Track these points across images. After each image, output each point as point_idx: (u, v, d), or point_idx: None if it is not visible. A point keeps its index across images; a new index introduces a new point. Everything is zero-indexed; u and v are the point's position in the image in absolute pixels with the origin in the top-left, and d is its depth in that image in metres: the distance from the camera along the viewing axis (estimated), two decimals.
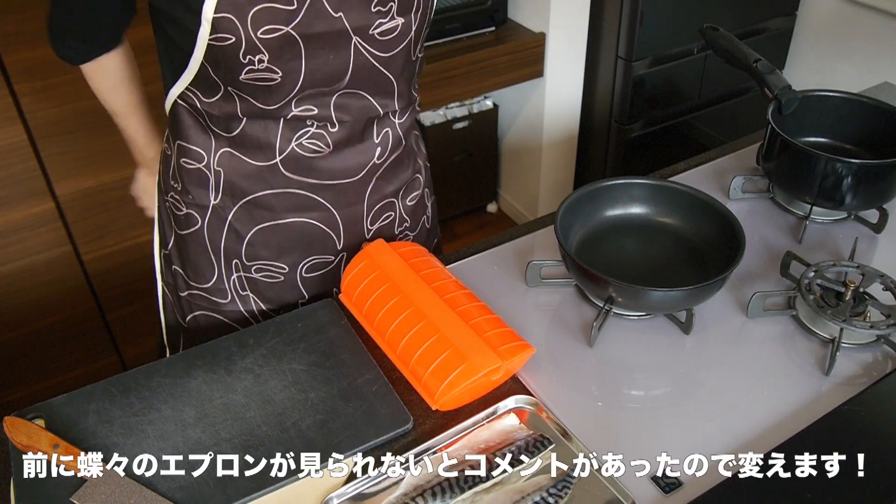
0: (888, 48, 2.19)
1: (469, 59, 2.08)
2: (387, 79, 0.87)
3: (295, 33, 0.77)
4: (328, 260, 0.98)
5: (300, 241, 0.95)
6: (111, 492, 0.74)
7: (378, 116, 0.90)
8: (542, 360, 0.91)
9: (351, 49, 0.81)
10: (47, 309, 1.81)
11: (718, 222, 1.00)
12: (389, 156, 0.94)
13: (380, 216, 0.97)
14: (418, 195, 1.02)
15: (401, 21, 0.82)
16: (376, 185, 0.94)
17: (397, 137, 0.94)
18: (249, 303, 1.01)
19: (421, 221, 1.05)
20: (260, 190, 0.90)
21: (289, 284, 1.00)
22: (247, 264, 0.96)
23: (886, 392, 0.85)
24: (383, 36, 0.82)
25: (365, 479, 0.76)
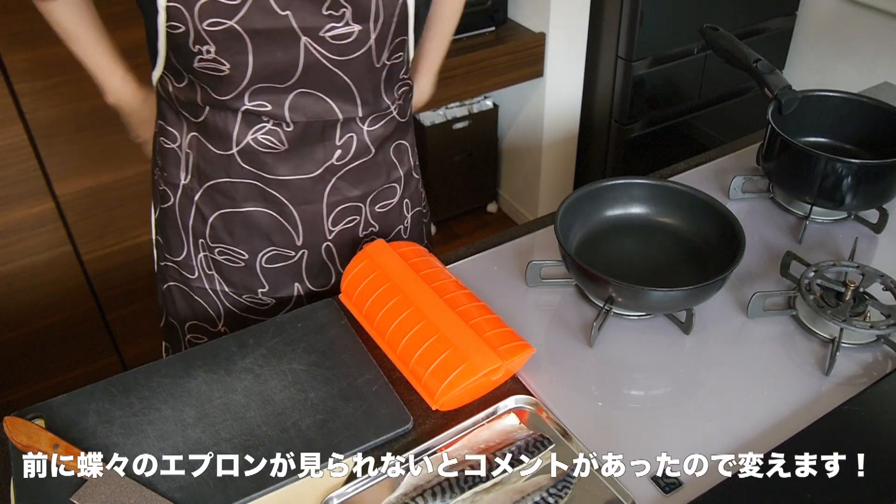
0: (888, 48, 2.19)
1: (469, 59, 2.08)
2: (344, 83, 0.87)
3: (239, 27, 0.79)
4: (288, 254, 0.99)
5: (258, 232, 0.97)
6: (111, 492, 0.74)
7: (339, 121, 0.90)
8: (542, 360, 0.91)
9: (300, 48, 0.82)
10: (47, 309, 1.81)
11: (718, 222, 1.00)
12: (353, 161, 0.94)
13: (342, 218, 0.97)
14: (392, 204, 1.02)
15: (357, 28, 0.82)
16: (336, 186, 0.95)
17: (363, 144, 0.94)
18: (215, 283, 1.02)
19: (395, 231, 1.04)
20: (221, 177, 0.93)
21: (249, 272, 1.00)
22: (211, 245, 0.99)
23: (886, 392, 0.85)
24: (336, 40, 0.82)
25: (365, 479, 0.76)
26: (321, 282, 1.03)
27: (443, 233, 2.63)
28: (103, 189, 1.72)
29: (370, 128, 0.93)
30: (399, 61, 0.91)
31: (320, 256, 1.01)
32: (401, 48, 0.89)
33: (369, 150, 0.95)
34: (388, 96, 0.93)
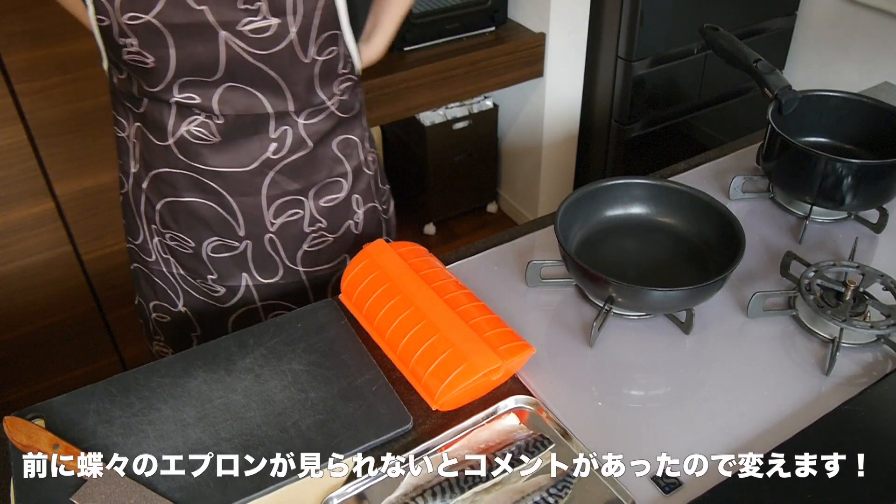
0: (888, 48, 2.19)
1: (469, 59, 2.08)
2: (270, 77, 0.88)
3: (157, 22, 0.81)
4: (233, 244, 1.00)
5: (200, 221, 0.98)
6: (111, 492, 0.74)
7: (270, 114, 0.91)
8: (542, 360, 0.91)
9: (220, 42, 0.83)
10: (47, 309, 1.81)
11: (718, 222, 1.00)
12: (290, 155, 0.95)
13: (284, 211, 0.98)
14: (339, 199, 1.02)
15: (275, 21, 0.83)
16: (275, 180, 0.95)
17: (299, 138, 0.94)
18: (171, 266, 1.04)
19: (345, 226, 1.04)
20: (161, 167, 0.95)
21: (197, 259, 1.02)
22: (162, 231, 1.01)
23: (886, 392, 0.85)
24: (255, 34, 0.83)
25: (365, 479, 0.76)
26: (268, 274, 1.03)
27: (443, 233, 2.63)
28: (103, 189, 1.72)
29: (306, 122, 0.94)
30: (332, 56, 0.91)
31: (264, 248, 1.01)
32: (333, 43, 0.89)
33: (306, 144, 0.95)
34: (323, 91, 0.93)
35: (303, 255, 1.03)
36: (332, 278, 1.07)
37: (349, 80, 0.97)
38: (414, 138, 2.43)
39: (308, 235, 1.02)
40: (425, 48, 2.10)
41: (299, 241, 1.02)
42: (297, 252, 1.02)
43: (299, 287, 1.05)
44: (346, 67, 0.94)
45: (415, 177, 2.54)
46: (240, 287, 1.03)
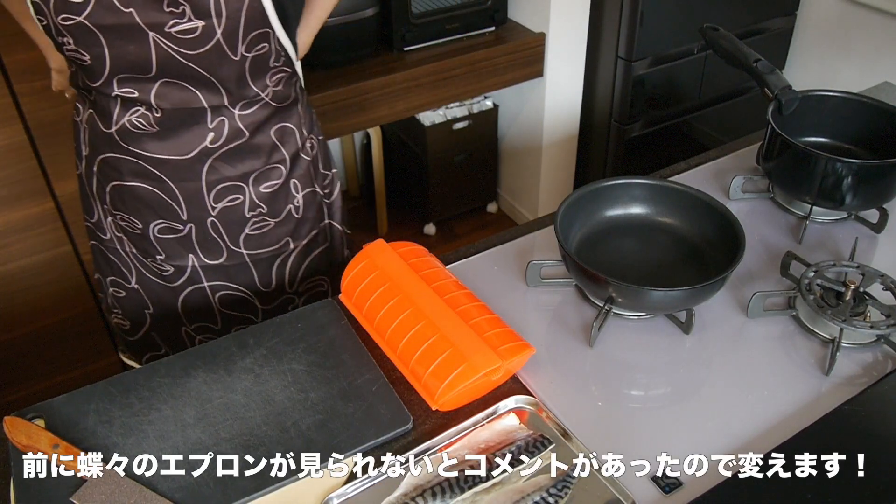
0: (888, 48, 2.19)
1: (469, 59, 2.08)
2: (202, 74, 0.91)
3: (89, 23, 0.84)
4: (177, 227, 1.04)
5: (145, 205, 1.02)
6: (111, 492, 0.74)
7: (206, 108, 0.95)
8: (542, 360, 0.91)
9: (150, 43, 0.86)
10: (47, 309, 1.81)
11: (718, 222, 1.00)
12: (227, 144, 0.98)
13: (224, 196, 1.02)
14: (278, 184, 1.05)
15: (200, 23, 0.86)
16: (213, 166, 0.99)
17: (236, 128, 0.98)
18: (124, 244, 1.09)
19: (285, 211, 1.08)
20: (107, 152, 0.99)
21: (146, 240, 1.06)
22: (113, 212, 1.05)
23: (886, 392, 0.85)
24: (183, 35, 0.86)
25: (365, 479, 0.76)
26: (214, 255, 1.06)
27: (443, 233, 2.63)
28: None
29: (242, 112, 0.97)
30: (263, 52, 0.93)
31: (208, 231, 1.04)
32: (263, 40, 0.92)
33: (243, 133, 0.99)
34: (257, 84, 0.96)
35: (245, 238, 1.06)
36: (276, 260, 1.10)
37: (282, 72, 1.00)
38: (414, 138, 2.43)
39: (249, 220, 1.05)
40: (425, 48, 2.10)
41: (241, 224, 1.05)
42: (239, 235, 1.05)
43: (244, 268, 1.08)
44: (277, 61, 0.97)
45: (415, 177, 2.54)
46: (187, 267, 1.07)
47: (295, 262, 1.12)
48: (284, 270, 1.12)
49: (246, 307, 1.13)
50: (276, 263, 1.10)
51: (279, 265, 1.10)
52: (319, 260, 1.15)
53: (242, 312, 1.13)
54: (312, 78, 1.92)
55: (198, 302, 1.11)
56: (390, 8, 2.01)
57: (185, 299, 1.10)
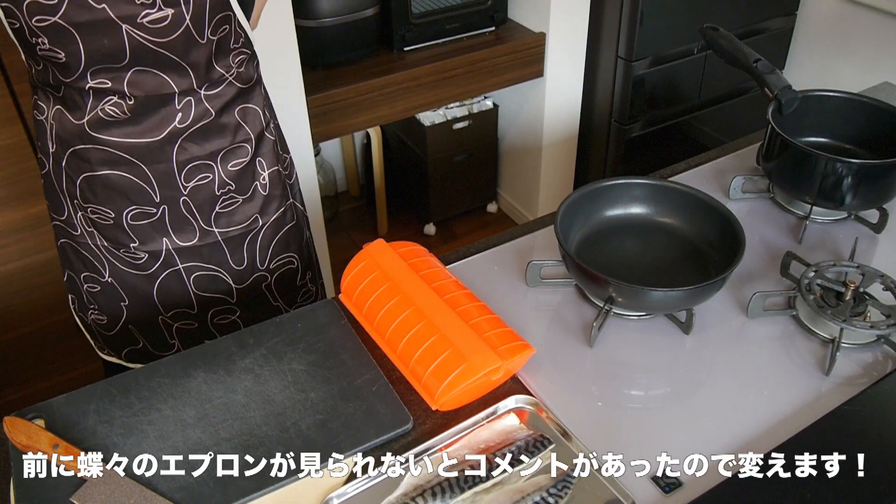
0: (888, 48, 2.19)
1: (469, 59, 2.08)
2: (173, 60, 0.95)
3: (63, 22, 0.87)
4: (150, 211, 1.06)
5: (118, 192, 1.05)
6: (111, 492, 0.74)
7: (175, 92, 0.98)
8: (542, 360, 0.91)
9: (123, 35, 0.90)
10: (47, 309, 1.81)
11: (718, 222, 1.00)
12: (195, 124, 1.02)
13: (194, 175, 1.05)
14: (244, 162, 1.09)
15: (170, 11, 0.90)
16: (183, 147, 1.02)
17: (203, 108, 1.01)
18: (95, 238, 1.11)
19: (252, 187, 1.11)
20: (77, 144, 1.02)
21: (119, 228, 1.08)
22: (83, 206, 1.08)
23: (886, 392, 0.85)
24: (154, 24, 0.90)
25: (365, 479, 0.76)
26: (187, 236, 1.09)
27: (443, 233, 2.63)
28: None
29: (207, 93, 1.01)
30: (225, 33, 0.98)
31: (180, 211, 1.07)
32: (226, 22, 0.96)
33: (210, 112, 1.02)
34: (220, 65, 1.00)
35: (216, 217, 1.09)
36: (247, 238, 1.13)
37: (243, 53, 1.04)
38: (414, 138, 2.43)
39: (219, 198, 1.08)
40: (425, 48, 2.10)
41: (212, 202, 1.08)
42: (210, 213, 1.08)
43: (216, 247, 1.11)
44: (237, 42, 1.01)
45: (415, 177, 2.54)
46: (161, 251, 1.10)
47: (265, 239, 1.15)
48: (255, 247, 1.15)
49: (220, 287, 1.15)
50: (246, 241, 1.13)
51: (249, 242, 1.14)
52: (288, 237, 1.19)
53: (217, 293, 1.15)
54: (312, 78, 1.92)
55: (173, 287, 1.13)
56: (390, 8, 2.01)
57: (160, 286, 1.13)
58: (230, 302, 1.17)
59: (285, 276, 1.20)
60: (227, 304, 1.17)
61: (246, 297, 1.18)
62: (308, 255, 1.26)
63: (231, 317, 1.19)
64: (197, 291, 1.14)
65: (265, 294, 1.20)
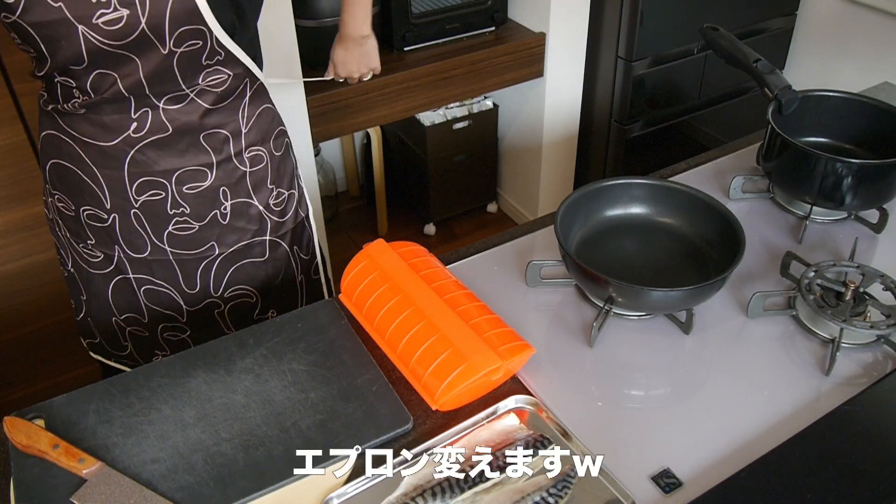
0: (888, 48, 2.19)
1: (469, 59, 2.08)
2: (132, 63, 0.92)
3: (23, 21, 0.87)
4: (102, 216, 1.05)
5: (74, 187, 1.04)
6: (111, 492, 0.74)
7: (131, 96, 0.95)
8: (542, 360, 0.91)
9: (80, 36, 0.88)
10: (47, 309, 1.81)
11: (718, 222, 1.00)
12: (149, 136, 0.99)
13: (146, 190, 1.02)
14: (202, 187, 1.04)
15: (125, 12, 0.87)
16: (135, 158, 1.00)
17: (159, 121, 0.98)
18: (60, 227, 1.11)
19: (211, 215, 1.06)
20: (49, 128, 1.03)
21: (78, 222, 1.07)
22: (52, 191, 1.08)
23: (886, 392, 0.85)
24: (109, 25, 0.88)
25: (365, 479, 0.76)
26: (138, 248, 1.06)
27: (443, 233, 2.63)
28: None
29: (166, 107, 0.97)
30: (195, 49, 0.93)
31: (131, 223, 1.04)
32: (196, 37, 0.92)
33: (166, 127, 0.99)
34: (186, 81, 0.96)
35: (169, 236, 1.06)
36: (201, 264, 1.09)
37: (221, 73, 0.98)
38: (414, 138, 2.43)
39: (172, 218, 1.05)
40: (425, 48, 2.10)
41: (164, 221, 1.05)
42: (163, 231, 1.05)
43: (168, 265, 1.08)
44: (211, 59, 0.96)
45: (415, 177, 2.54)
46: (114, 256, 1.08)
47: (220, 269, 1.10)
48: (209, 275, 1.10)
49: (170, 304, 1.12)
50: (200, 266, 1.09)
51: (204, 269, 1.09)
52: (249, 271, 1.13)
53: (167, 310, 1.12)
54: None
55: (125, 293, 1.11)
56: (390, 8, 2.01)
57: (114, 289, 1.11)
58: (180, 321, 1.13)
59: (240, 307, 1.15)
60: (176, 321, 1.13)
61: (197, 321, 1.14)
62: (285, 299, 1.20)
63: (181, 335, 1.15)
64: (147, 303, 1.11)
65: (217, 321, 1.15)
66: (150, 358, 1.19)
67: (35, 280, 1.75)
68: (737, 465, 0.76)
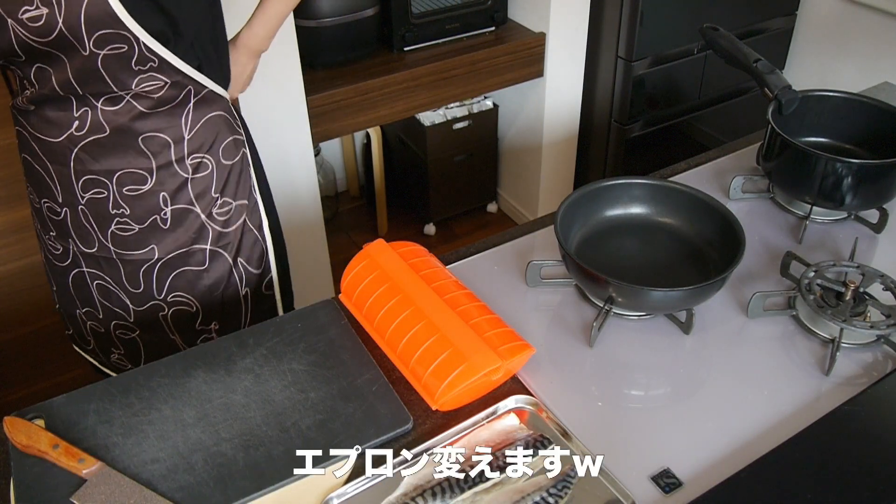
0: (888, 48, 2.19)
1: (469, 59, 2.08)
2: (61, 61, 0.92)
3: None
4: (56, 209, 1.06)
5: (35, 181, 1.06)
6: (111, 492, 0.74)
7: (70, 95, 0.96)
8: (542, 360, 0.91)
9: (10, 30, 0.89)
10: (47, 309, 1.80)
11: (718, 222, 1.00)
12: (90, 135, 0.99)
13: (89, 188, 1.03)
14: (142, 191, 1.03)
15: (45, 11, 0.88)
16: (79, 156, 1.01)
17: (97, 121, 0.98)
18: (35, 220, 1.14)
19: (151, 219, 1.05)
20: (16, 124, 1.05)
21: (42, 216, 1.10)
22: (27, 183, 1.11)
23: (886, 392, 0.85)
24: (32, 22, 0.88)
25: (365, 479, 0.76)
26: (87, 243, 1.08)
27: (443, 233, 2.63)
28: None
29: (104, 107, 0.98)
30: (121, 52, 0.92)
31: (79, 219, 1.06)
32: (118, 41, 0.91)
33: (104, 128, 0.99)
34: (116, 85, 0.96)
35: (112, 236, 1.07)
36: (143, 265, 1.09)
37: (155, 79, 0.97)
38: (414, 138, 2.43)
39: (114, 218, 1.05)
40: (425, 48, 2.10)
41: (107, 220, 1.06)
42: (107, 230, 1.06)
43: (113, 263, 1.09)
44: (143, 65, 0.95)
45: (415, 177, 2.54)
46: (70, 249, 1.10)
47: (161, 272, 1.10)
48: (151, 277, 1.10)
49: (118, 302, 1.12)
50: (143, 268, 1.09)
51: (146, 270, 1.09)
52: (188, 279, 1.11)
53: (117, 308, 1.12)
54: (312, 78, 1.92)
55: (82, 287, 1.13)
56: (390, 8, 2.01)
57: (73, 281, 1.13)
58: (128, 320, 1.13)
59: (181, 314, 1.14)
60: (125, 320, 1.13)
61: (143, 321, 1.13)
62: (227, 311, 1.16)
63: (131, 334, 1.15)
64: (100, 299, 1.12)
65: (162, 324, 1.14)
66: (109, 356, 1.20)
67: (35, 280, 1.75)
68: (737, 465, 0.76)
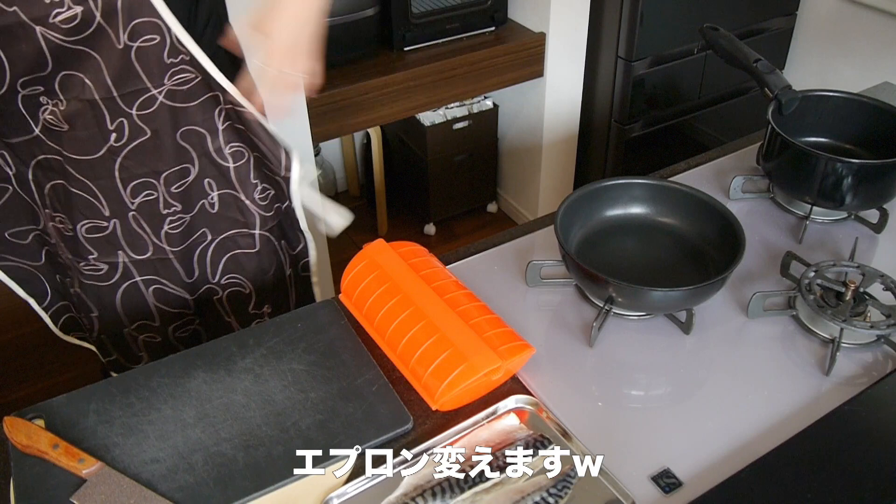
0: (888, 48, 2.19)
1: (469, 59, 2.08)
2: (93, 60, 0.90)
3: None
4: (102, 225, 1.05)
5: (69, 203, 1.04)
6: (111, 492, 0.74)
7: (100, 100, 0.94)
8: (542, 360, 0.91)
9: (39, 37, 0.86)
10: None
11: (718, 222, 1.00)
12: (130, 142, 0.99)
13: (140, 192, 1.03)
14: (188, 182, 1.05)
15: (79, 9, 0.86)
16: (123, 164, 1.00)
17: (136, 126, 0.97)
18: (62, 250, 1.11)
19: (199, 205, 1.08)
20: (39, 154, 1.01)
21: (76, 241, 1.07)
22: (53, 215, 1.08)
23: (886, 392, 0.85)
24: (66, 23, 0.86)
25: (365, 479, 0.76)
26: (140, 250, 1.08)
27: (443, 233, 2.63)
28: None
29: (139, 112, 0.97)
30: (153, 44, 0.91)
31: (131, 226, 1.06)
32: (152, 31, 0.90)
33: (144, 131, 0.98)
34: (150, 80, 0.94)
35: (166, 235, 1.07)
36: (197, 249, 1.11)
37: (185, 71, 0.97)
38: (414, 138, 2.43)
39: (166, 217, 1.06)
40: (425, 48, 2.10)
41: (160, 220, 1.06)
42: (160, 230, 1.07)
43: (168, 264, 1.10)
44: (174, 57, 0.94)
45: (415, 177, 2.54)
46: (118, 263, 1.09)
47: (214, 254, 1.12)
48: (206, 260, 1.12)
49: (177, 300, 1.13)
50: (196, 252, 1.11)
51: (200, 254, 1.12)
52: (241, 261, 1.14)
53: (176, 308, 1.14)
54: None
55: (134, 298, 1.12)
56: (390, 8, 2.01)
57: (123, 297, 1.11)
58: (188, 313, 1.15)
59: (236, 296, 1.16)
60: (185, 314, 1.15)
61: (201, 308, 1.16)
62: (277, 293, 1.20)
63: (191, 327, 1.17)
64: (157, 304, 1.13)
65: (218, 309, 1.17)
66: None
67: None
68: (737, 465, 0.76)
